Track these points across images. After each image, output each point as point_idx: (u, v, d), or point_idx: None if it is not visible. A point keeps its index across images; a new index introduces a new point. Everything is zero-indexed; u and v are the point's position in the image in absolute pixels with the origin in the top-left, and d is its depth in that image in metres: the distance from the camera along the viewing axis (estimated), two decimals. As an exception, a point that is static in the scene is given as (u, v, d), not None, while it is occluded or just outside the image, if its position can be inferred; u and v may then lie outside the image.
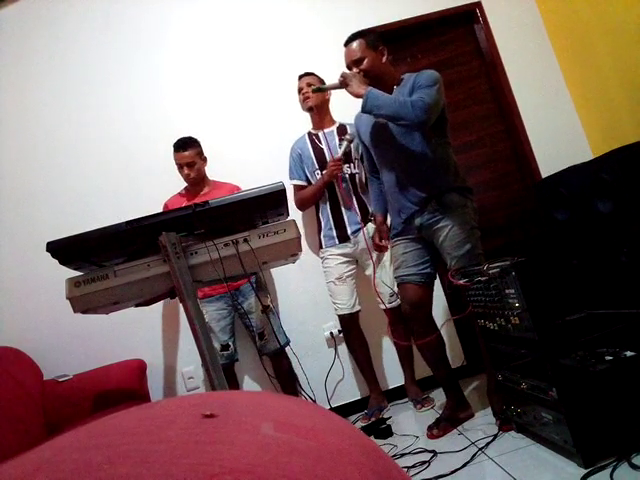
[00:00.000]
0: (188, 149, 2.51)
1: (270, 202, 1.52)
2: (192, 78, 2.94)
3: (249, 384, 2.78)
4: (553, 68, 3.17)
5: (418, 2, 3.09)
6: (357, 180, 2.59)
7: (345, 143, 2.43)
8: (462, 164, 3.08)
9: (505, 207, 3.10)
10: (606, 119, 2.91)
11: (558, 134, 3.09)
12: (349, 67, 2.05)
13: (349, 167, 2.56)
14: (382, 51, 2.06)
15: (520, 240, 3.02)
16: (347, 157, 2.54)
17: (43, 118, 2.84)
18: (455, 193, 2.03)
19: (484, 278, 1.75)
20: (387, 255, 2.51)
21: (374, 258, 2.47)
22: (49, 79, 2.86)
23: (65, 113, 2.85)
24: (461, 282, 1.88)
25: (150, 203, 2.58)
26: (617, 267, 2.08)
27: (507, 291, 1.63)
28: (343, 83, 1.96)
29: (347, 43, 2.06)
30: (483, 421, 2.06)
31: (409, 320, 2.20)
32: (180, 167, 2.53)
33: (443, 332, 2.25)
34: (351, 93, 1.95)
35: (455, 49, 3.20)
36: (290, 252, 1.58)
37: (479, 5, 3.16)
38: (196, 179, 2.56)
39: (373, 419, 2.47)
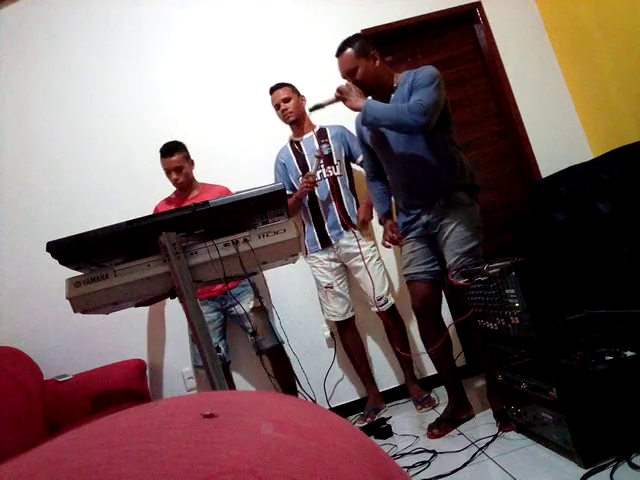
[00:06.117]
0: (175, 154, 2.49)
1: (270, 202, 1.52)
2: (190, 79, 2.93)
3: (246, 384, 2.78)
4: (553, 68, 3.17)
5: (418, 2, 3.09)
6: (339, 182, 2.55)
7: (315, 160, 2.45)
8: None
9: (505, 207, 3.10)
10: (606, 119, 2.91)
11: (558, 134, 3.09)
12: (344, 78, 2.05)
13: (331, 169, 2.54)
14: (374, 56, 2.03)
15: (520, 240, 3.02)
16: (329, 159, 2.54)
17: (43, 118, 2.83)
18: (463, 192, 2.03)
19: (484, 278, 1.75)
20: (375, 258, 2.53)
21: (366, 260, 2.45)
22: (49, 79, 2.86)
23: (65, 113, 2.85)
24: (461, 282, 1.88)
25: (150, 203, 2.58)
26: (617, 267, 2.08)
27: (507, 291, 1.63)
28: (340, 98, 1.96)
29: (338, 54, 2.05)
30: (483, 421, 2.07)
31: (418, 316, 2.21)
32: (168, 172, 2.51)
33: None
34: (350, 107, 1.96)
35: (455, 49, 3.20)
36: (290, 252, 1.58)
37: (479, 5, 3.16)
38: (185, 183, 2.54)
39: (369, 420, 2.47)
